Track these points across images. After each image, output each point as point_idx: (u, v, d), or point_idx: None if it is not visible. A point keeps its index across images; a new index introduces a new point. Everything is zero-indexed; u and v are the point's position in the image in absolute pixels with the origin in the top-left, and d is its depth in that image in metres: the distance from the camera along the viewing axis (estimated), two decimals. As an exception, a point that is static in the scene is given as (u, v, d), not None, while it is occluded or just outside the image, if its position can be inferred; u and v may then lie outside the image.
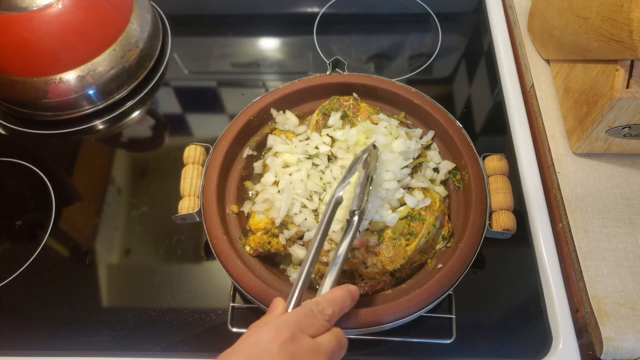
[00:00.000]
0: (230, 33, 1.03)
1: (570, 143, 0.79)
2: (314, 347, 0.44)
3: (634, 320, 0.66)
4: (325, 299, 0.50)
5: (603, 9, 0.64)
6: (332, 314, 0.49)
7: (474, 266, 0.64)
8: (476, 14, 1.04)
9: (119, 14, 0.88)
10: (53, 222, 0.79)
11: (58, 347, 0.69)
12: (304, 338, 0.44)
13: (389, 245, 0.62)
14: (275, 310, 0.49)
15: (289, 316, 0.46)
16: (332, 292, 0.52)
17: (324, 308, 0.48)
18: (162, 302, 0.72)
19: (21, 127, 0.90)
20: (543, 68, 0.89)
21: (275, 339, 0.43)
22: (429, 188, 0.68)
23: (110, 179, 0.84)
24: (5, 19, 0.79)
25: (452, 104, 0.92)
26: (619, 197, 0.75)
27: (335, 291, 0.52)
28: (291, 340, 0.43)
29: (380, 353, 0.68)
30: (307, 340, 0.44)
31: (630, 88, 0.65)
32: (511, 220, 0.65)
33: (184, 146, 0.71)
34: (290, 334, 0.43)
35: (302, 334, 0.45)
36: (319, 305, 0.49)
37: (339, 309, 0.50)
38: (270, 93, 0.76)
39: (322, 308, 0.48)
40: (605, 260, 0.70)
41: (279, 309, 0.49)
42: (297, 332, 0.44)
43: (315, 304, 0.49)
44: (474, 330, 0.69)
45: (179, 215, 0.66)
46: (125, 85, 0.91)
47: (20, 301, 0.73)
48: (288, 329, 0.44)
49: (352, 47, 1.00)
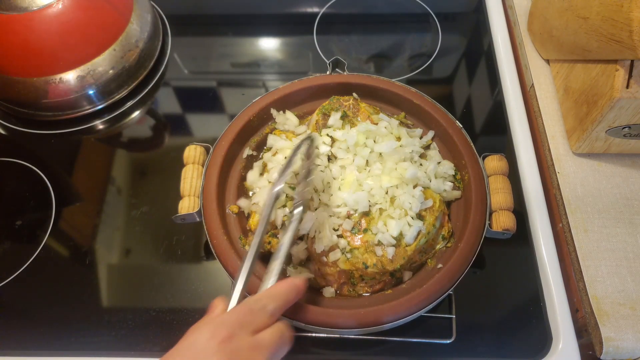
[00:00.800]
0: (230, 33, 1.03)
1: (570, 143, 0.79)
2: (253, 344, 0.44)
3: (634, 320, 0.66)
4: (267, 294, 0.50)
5: (603, 9, 0.64)
6: (274, 309, 0.48)
7: (474, 266, 0.64)
8: (476, 14, 1.04)
9: (119, 14, 0.88)
10: (53, 222, 0.79)
11: (58, 347, 0.69)
12: (242, 336, 0.44)
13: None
14: (214, 310, 0.49)
15: (228, 315, 0.46)
16: (275, 287, 0.51)
17: (265, 304, 0.48)
18: (162, 302, 0.72)
19: (21, 127, 0.90)
20: (543, 68, 0.89)
21: (213, 338, 0.43)
22: (429, 188, 0.68)
23: (110, 179, 0.84)
24: (5, 19, 0.79)
25: (452, 104, 0.92)
26: (619, 197, 0.75)
27: (277, 285, 0.52)
28: (229, 339, 0.43)
29: (380, 353, 0.68)
30: (245, 338, 0.44)
31: (630, 88, 0.65)
32: (511, 220, 0.65)
33: (184, 146, 0.71)
34: (227, 332, 0.43)
35: (242, 331, 0.44)
36: (260, 301, 0.48)
37: (282, 303, 0.49)
38: (270, 93, 0.76)
39: (263, 304, 0.48)
40: (605, 260, 0.70)
41: (218, 309, 0.49)
42: (235, 330, 0.44)
43: (255, 300, 0.48)
44: (474, 330, 0.69)
45: (179, 215, 0.66)
46: (125, 85, 0.91)
47: (20, 301, 0.73)
48: (225, 327, 0.44)
49: (352, 47, 1.00)
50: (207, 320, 0.47)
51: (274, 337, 0.46)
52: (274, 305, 0.48)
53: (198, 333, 0.44)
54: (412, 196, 0.64)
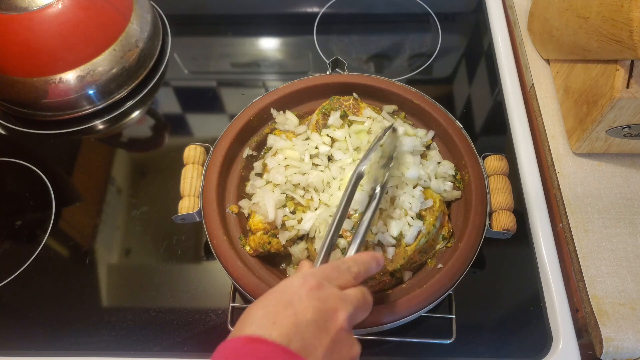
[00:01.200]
0: (230, 33, 1.03)
1: (570, 143, 0.79)
2: (340, 296, 0.46)
3: (634, 320, 0.66)
4: (351, 258, 0.52)
5: (603, 9, 0.64)
6: (358, 272, 0.50)
7: (474, 266, 0.64)
8: (476, 14, 1.04)
9: (119, 14, 0.88)
10: (53, 222, 0.79)
11: (58, 347, 0.69)
12: (330, 286, 0.47)
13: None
14: (302, 268, 0.52)
15: (317, 269, 0.49)
16: (359, 254, 0.53)
17: (350, 265, 0.50)
18: (162, 302, 0.72)
19: (21, 127, 0.90)
20: (543, 68, 0.89)
21: (304, 285, 0.45)
22: (429, 188, 0.68)
23: (110, 179, 0.84)
24: (5, 19, 0.79)
25: (452, 104, 0.92)
26: (619, 197, 0.75)
27: (361, 254, 0.54)
28: (318, 287, 0.45)
29: (380, 353, 0.68)
30: (333, 289, 0.47)
31: (630, 88, 0.65)
32: (511, 220, 0.65)
33: (184, 146, 0.71)
34: (317, 282, 0.46)
35: (329, 283, 0.47)
36: (346, 262, 0.50)
37: (365, 269, 0.51)
38: (270, 93, 0.76)
39: (348, 265, 0.50)
40: (606, 260, 0.70)
41: (306, 266, 0.52)
42: (323, 282, 0.46)
43: (342, 261, 0.51)
44: (474, 330, 0.69)
45: (179, 215, 0.66)
46: (125, 85, 0.91)
47: (20, 301, 0.73)
48: (315, 278, 0.46)
49: (352, 47, 1.00)
50: (298, 273, 0.49)
51: (358, 295, 0.48)
52: (358, 269, 0.50)
53: (290, 280, 0.46)
54: (412, 196, 0.64)
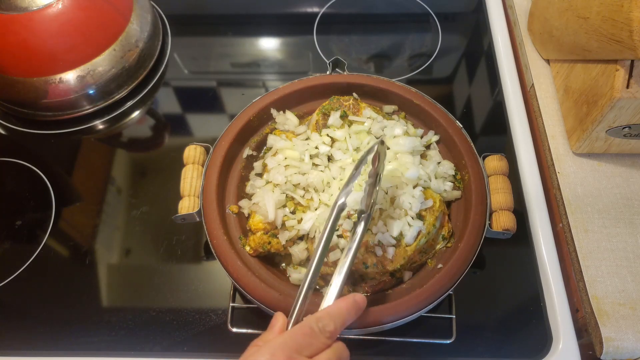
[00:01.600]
0: (230, 33, 1.03)
1: (570, 143, 0.79)
2: None
3: (634, 320, 0.66)
4: (327, 313, 0.49)
5: (603, 9, 0.64)
6: (334, 330, 0.48)
7: (474, 266, 0.64)
8: (476, 14, 1.04)
9: (119, 14, 0.88)
10: (53, 222, 0.79)
11: (58, 347, 0.69)
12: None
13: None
14: (274, 326, 0.49)
15: (287, 337, 0.46)
16: (336, 305, 0.51)
17: (325, 324, 0.47)
18: (162, 302, 0.72)
19: (21, 127, 0.90)
20: (543, 68, 0.89)
21: None
22: (429, 188, 0.68)
23: (110, 179, 0.84)
24: (5, 19, 0.79)
25: (452, 104, 0.92)
26: (619, 197, 0.75)
27: (339, 303, 0.51)
28: None
29: (380, 353, 0.68)
30: None
31: (630, 88, 0.65)
32: (511, 220, 0.65)
33: (184, 146, 0.71)
34: (285, 357, 0.43)
35: (300, 355, 0.44)
36: (320, 321, 0.48)
37: (341, 323, 0.49)
38: (270, 93, 0.76)
39: (323, 325, 0.47)
40: (606, 260, 0.70)
41: (278, 326, 0.49)
42: (293, 355, 0.44)
43: (316, 320, 0.48)
44: (474, 330, 0.69)
45: (179, 215, 0.66)
46: (125, 85, 0.91)
47: (20, 301, 0.73)
48: (284, 352, 0.44)
49: (352, 47, 1.00)
50: (268, 337, 0.47)
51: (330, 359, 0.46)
52: (334, 326, 0.48)
53: (257, 355, 0.44)
54: (412, 196, 0.64)
